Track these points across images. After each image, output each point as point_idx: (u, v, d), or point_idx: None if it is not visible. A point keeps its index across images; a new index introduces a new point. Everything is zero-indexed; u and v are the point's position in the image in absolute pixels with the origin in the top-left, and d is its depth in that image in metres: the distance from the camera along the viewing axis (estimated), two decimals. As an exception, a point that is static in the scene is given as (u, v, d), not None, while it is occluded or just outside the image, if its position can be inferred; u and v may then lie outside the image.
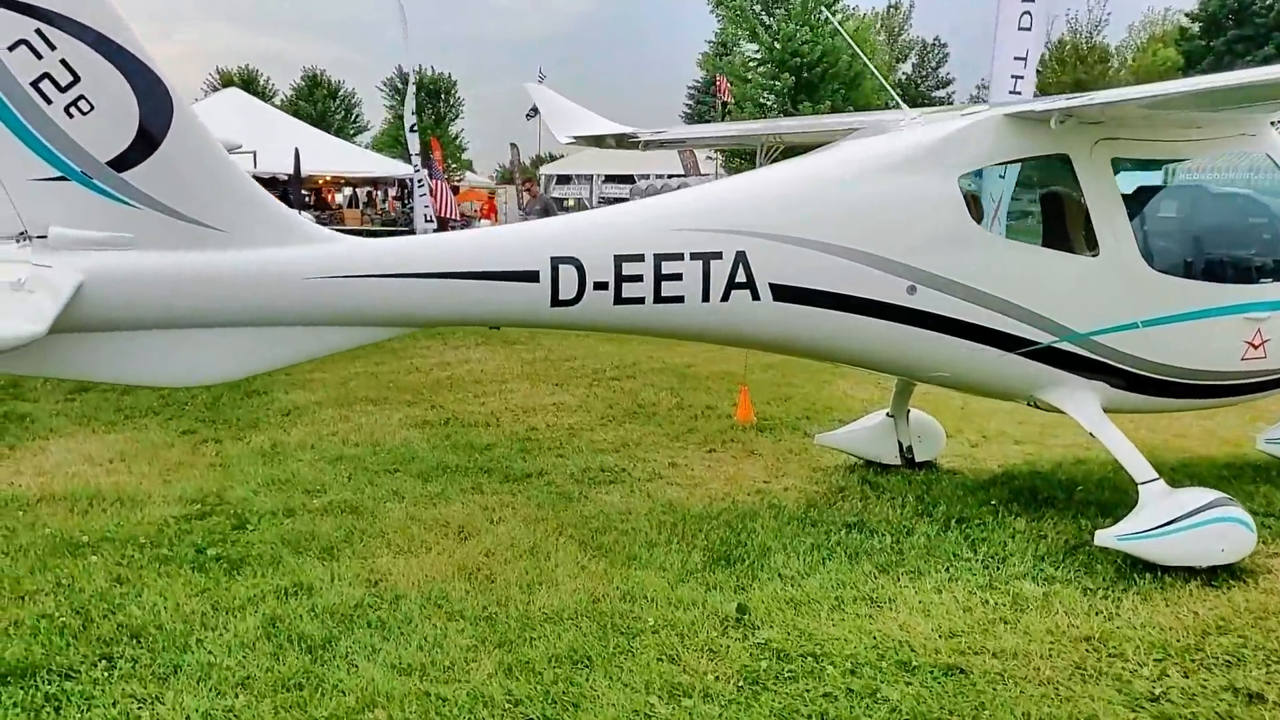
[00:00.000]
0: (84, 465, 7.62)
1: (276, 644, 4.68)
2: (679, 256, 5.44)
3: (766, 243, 5.51)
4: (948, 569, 5.62)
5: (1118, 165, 5.80)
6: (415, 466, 7.66)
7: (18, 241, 4.73)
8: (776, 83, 36.58)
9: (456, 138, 56.65)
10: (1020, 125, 5.67)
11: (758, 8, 38.01)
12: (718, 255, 5.48)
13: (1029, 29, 13.98)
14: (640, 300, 5.43)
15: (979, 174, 5.79)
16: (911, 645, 4.74)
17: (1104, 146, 5.72)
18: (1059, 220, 5.94)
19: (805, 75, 36.41)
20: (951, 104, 67.53)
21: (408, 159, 27.55)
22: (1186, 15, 57.24)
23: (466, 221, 43.18)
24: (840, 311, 5.61)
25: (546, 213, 19.06)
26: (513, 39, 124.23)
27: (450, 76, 57.74)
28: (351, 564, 5.68)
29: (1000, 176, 6.08)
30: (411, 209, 29.36)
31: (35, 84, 4.53)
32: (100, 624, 4.86)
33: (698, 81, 69.00)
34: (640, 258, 5.40)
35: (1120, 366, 5.86)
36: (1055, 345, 5.78)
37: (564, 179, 53.14)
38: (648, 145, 10.14)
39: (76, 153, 4.62)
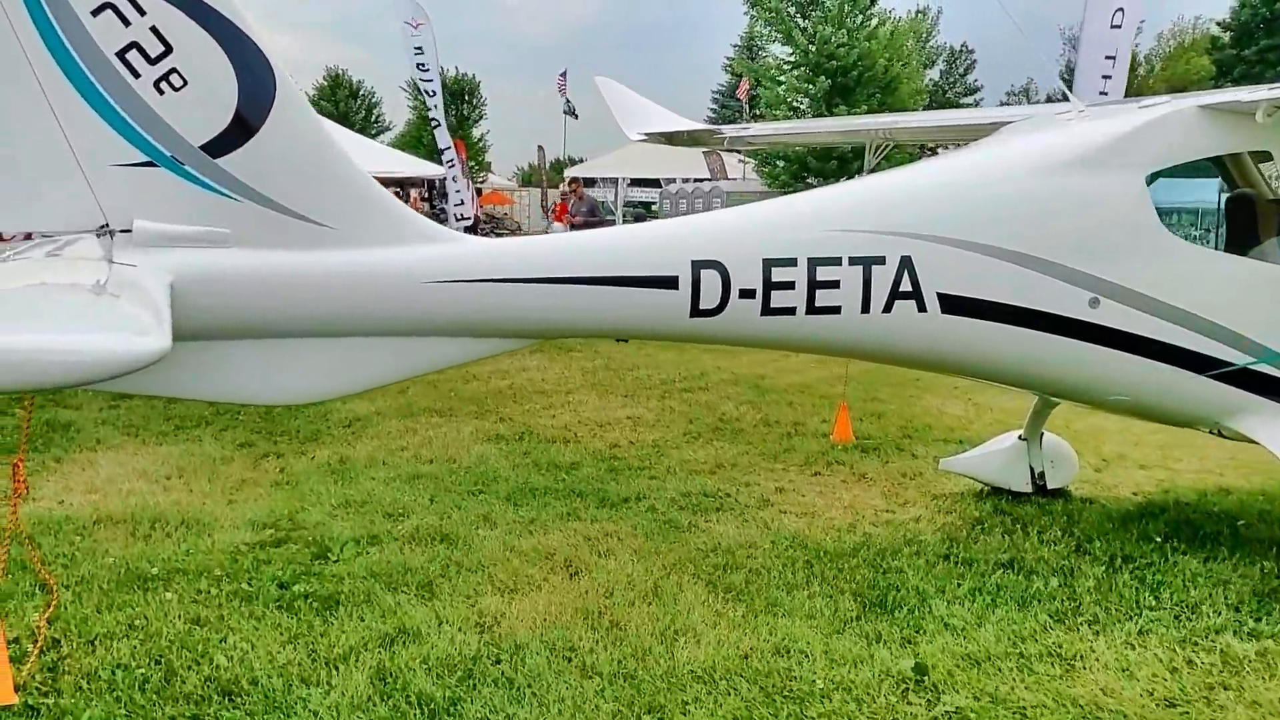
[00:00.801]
0: (139, 482, 6.99)
1: (393, 706, 4.03)
2: (836, 261, 4.79)
3: (935, 247, 4.85)
4: (1133, 619, 4.94)
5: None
6: (500, 488, 7.01)
7: (98, 235, 4.11)
8: (811, 86, 35.86)
9: (480, 139, 56.16)
10: (1217, 118, 5.00)
11: (792, 10, 37.30)
12: (880, 260, 4.83)
13: (1120, 27, 13.32)
14: (791, 311, 4.77)
15: (1168, 172, 5.12)
16: (1126, 715, 4.07)
17: (1313, 143, 5.05)
18: (1257, 225, 5.27)
19: (840, 79, 35.69)
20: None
21: (434, 158, 26.91)
22: (1218, 24, 56.45)
23: (496, 222, 42.73)
24: (1015, 326, 4.95)
25: (593, 214, 18.43)
26: (523, 40, 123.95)
27: (474, 77, 57.35)
28: (455, 604, 5.03)
29: (1192, 175, 5.39)
30: (440, 210, 28.75)
31: (121, 54, 3.92)
32: (185, 677, 4.22)
33: (722, 85, 68.45)
34: (792, 262, 4.75)
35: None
36: (1252, 367, 5.10)
37: (588, 182, 52.56)
38: (732, 143, 9.49)
39: (166, 134, 4.01)
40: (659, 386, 10.94)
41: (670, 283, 4.65)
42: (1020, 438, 6.89)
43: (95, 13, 3.89)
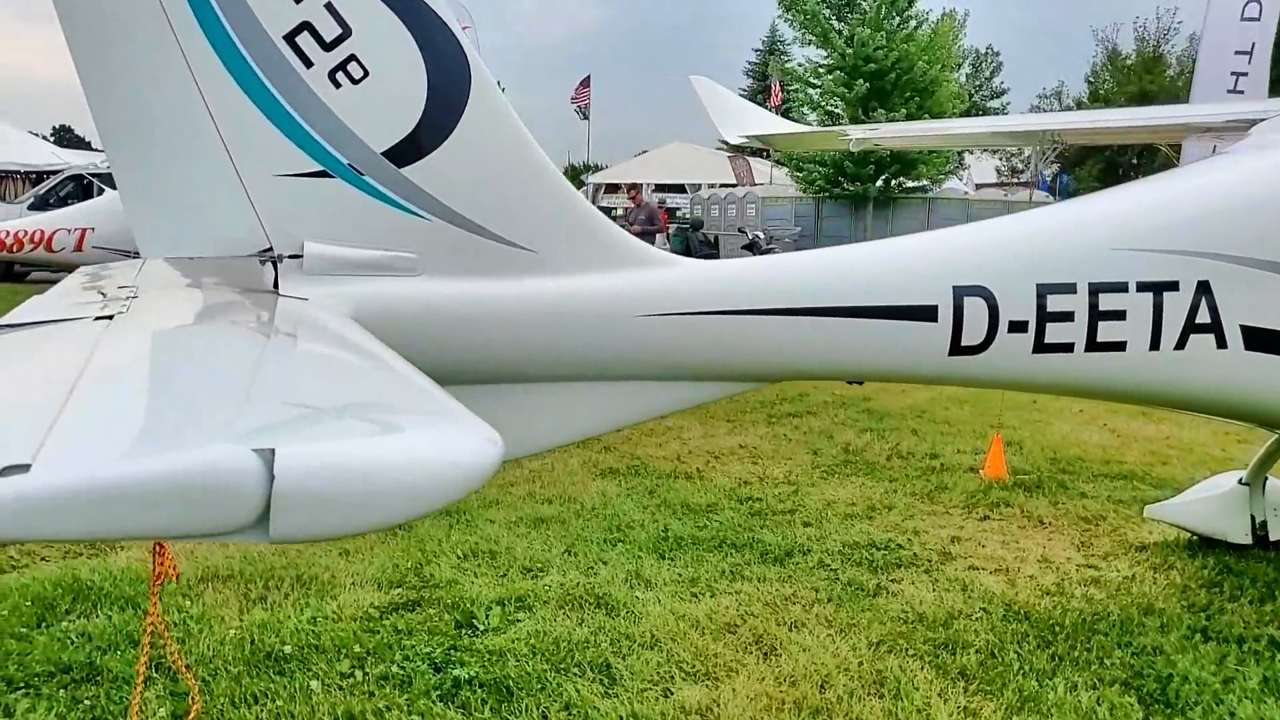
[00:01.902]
0: (230, 525, 6.17)
1: None
2: (1121, 287, 3.96)
3: (1239, 270, 4.02)
4: None
5: None
6: (639, 536, 6.18)
7: (260, 261, 3.29)
8: (848, 90, 35.05)
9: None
10: None
11: (827, 12, 36.49)
12: (1172, 286, 4.00)
13: (1256, 19, 12.41)
14: (1068, 348, 3.94)
15: None
16: None
17: None
18: None
19: (878, 83, 34.86)
20: (1007, 115, 65.98)
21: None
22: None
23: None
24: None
25: (651, 222, 17.59)
26: (537, 44, 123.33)
27: (499, 84, 56.61)
28: (647, 696, 4.20)
29: None
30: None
31: (291, 38, 3.13)
32: (359, 803, 3.40)
33: (744, 90, 67.62)
34: (1071, 288, 3.92)
35: None
36: None
37: (612, 188, 51.78)
38: (858, 144, 8.67)
39: (343, 137, 3.22)
40: (760, 409, 10.11)
41: (928, 313, 3.82)
42: (1241, 482, 6.04)
43: None
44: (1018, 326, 3.88)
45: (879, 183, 35.52)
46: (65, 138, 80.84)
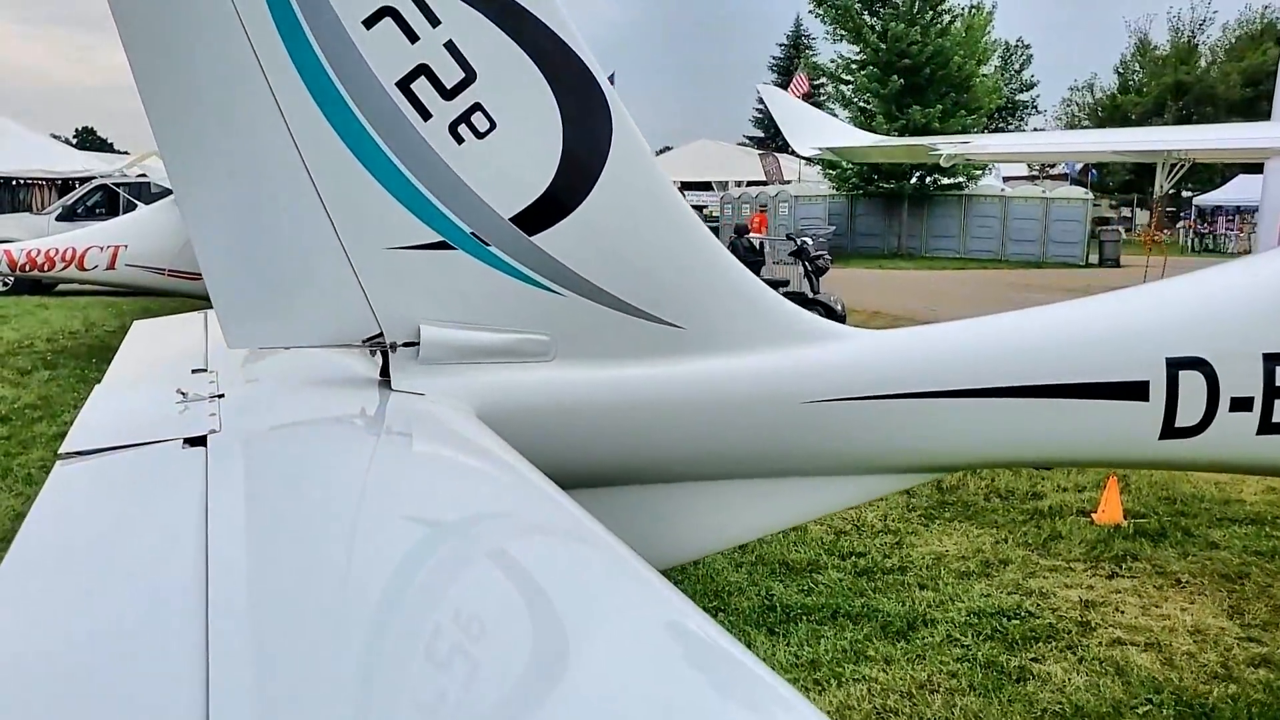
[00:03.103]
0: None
1: None
2: (1361, 357, 3.36)
3: None
4: None
5: None
6: (742, 604, 5.61)
7: (370, 351, 2.76)
8: (882, 86, 34.33)
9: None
10: None
11: (859, 7, 35.77)
12: None
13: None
14: (1302, 427, 3.34)
15: None
16: None
17: None
18: None
19: (913, 78, 34.14)
20: (1038, 109, 64.80)
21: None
22: (1285, 14, 54.47)
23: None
24: None
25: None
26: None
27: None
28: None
29: None
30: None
31: (405, 84, 2.60)
32: None
33: (769, 85, 66.82)
34: (1304, 359, 3.32)
35: None
36: None
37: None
38: (950, 160, 8.05)
39: (466, 202, 2.70)
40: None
41: (1138, 391, 3.24)
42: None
43: (370, 22, 2.56)
44: (1241, 404, 3.30)
45: (914, 180, 34.85)
46: (88, 140, 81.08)
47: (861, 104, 36.12)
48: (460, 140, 2.66)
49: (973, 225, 34.25)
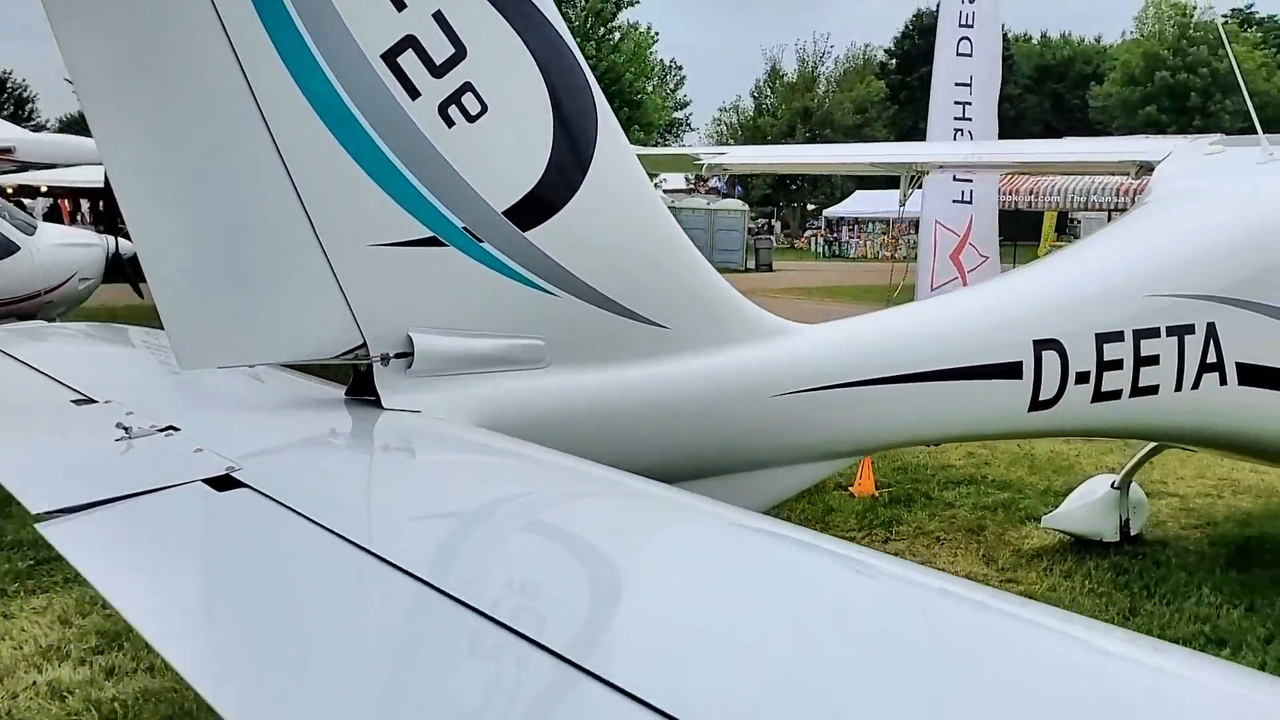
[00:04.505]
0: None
1: None
2: (1155, 333, 4.17)
3: (1235, 311, 4.36)
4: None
5: None
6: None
7: (383, 362, 2.57)
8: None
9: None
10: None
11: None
12: (1190, 329, 4.26)
13: (969, 55, 13.70)
14: (1117, 394, 4.09)
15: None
16: None
17: None
18: None
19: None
20: (692, 126, 69.33)
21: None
22: (885, 51, 62.77)
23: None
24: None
25: None
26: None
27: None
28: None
29: None
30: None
31: (391, 58, 2.42)
32: None
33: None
34: (1119, 336, 4.07)
35: None
36: None
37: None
38: (711, 170, 8.62)
39: (458, 193, 2.56)
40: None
41: (1013, 370, 3.80)
42: (1114, 486, 6.64)
43: None
44: (1082, 378, 3.94)
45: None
46: None
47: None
48: (451, 123, 2.48)
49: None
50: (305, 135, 2.35)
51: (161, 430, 2.25)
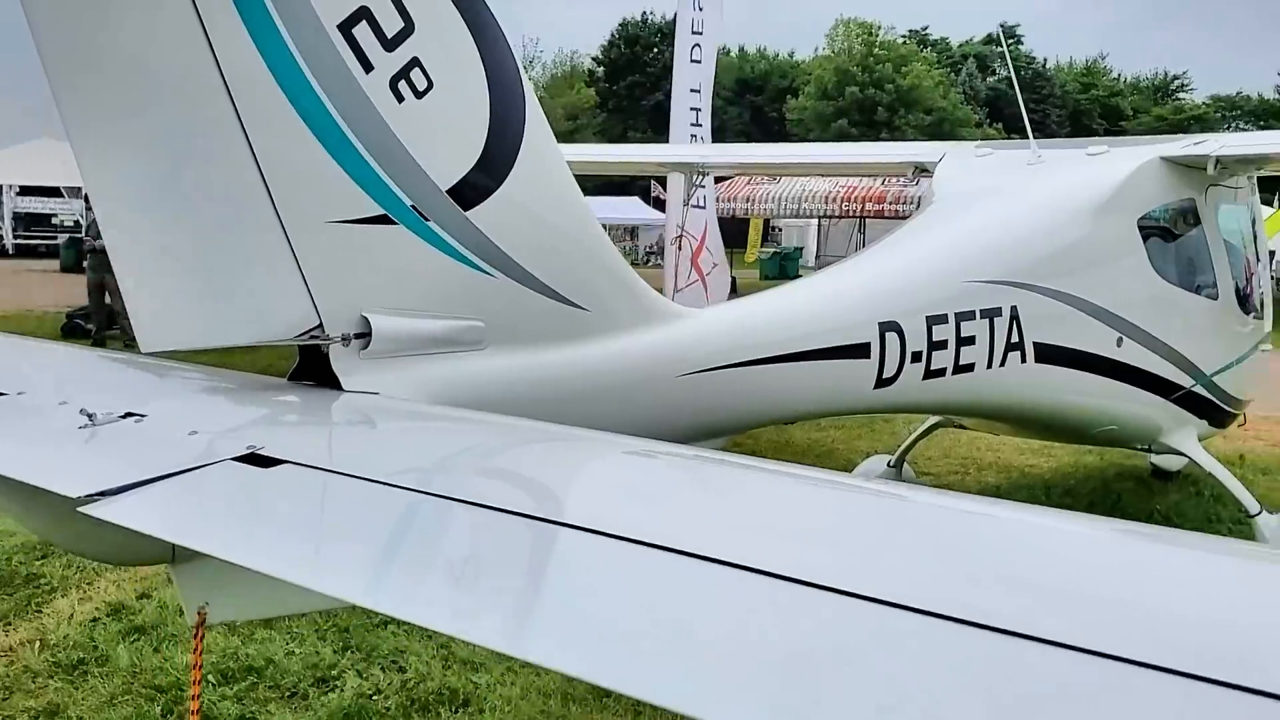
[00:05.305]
0: None
1: None
2: (972, 315, 4.40)
3: (1032, 295, 4.68)
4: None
5: (1217, 210, 5.96)
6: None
7: (344, 342, 2.43)
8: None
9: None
10: (1172, 168, 5.52)
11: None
12: (998, 312, 4.53)
13: (700, 61, 14.29)
14: (942, 372, 4.27)
15: (1152, 217, 5.54)
16: None
17: (1213, 192, 5.84)
18: (1193, 265, 5.92)
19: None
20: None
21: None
22: (593, 59, 63.75)
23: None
24: (1078, 370, 4.98)
25: None
26: None
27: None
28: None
29: (1165, 220, 5.84)
30: None
31: (348, 28, 2.33)
32: None
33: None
34: (944, 318, 4.26)
35: (1219, 405, 6.03)
36: (1193, 389, 5.75)
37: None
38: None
39: (407, 170, 2.47)
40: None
41: (862, 350, 3.88)
42: (890, 465, 7.01)
43: None
44: (916, 357, 4.10)
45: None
46: None
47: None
48: (400, 99, 2.40)
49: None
50: (268, 105, 2.22)
51: (124, 417, 2.03)
